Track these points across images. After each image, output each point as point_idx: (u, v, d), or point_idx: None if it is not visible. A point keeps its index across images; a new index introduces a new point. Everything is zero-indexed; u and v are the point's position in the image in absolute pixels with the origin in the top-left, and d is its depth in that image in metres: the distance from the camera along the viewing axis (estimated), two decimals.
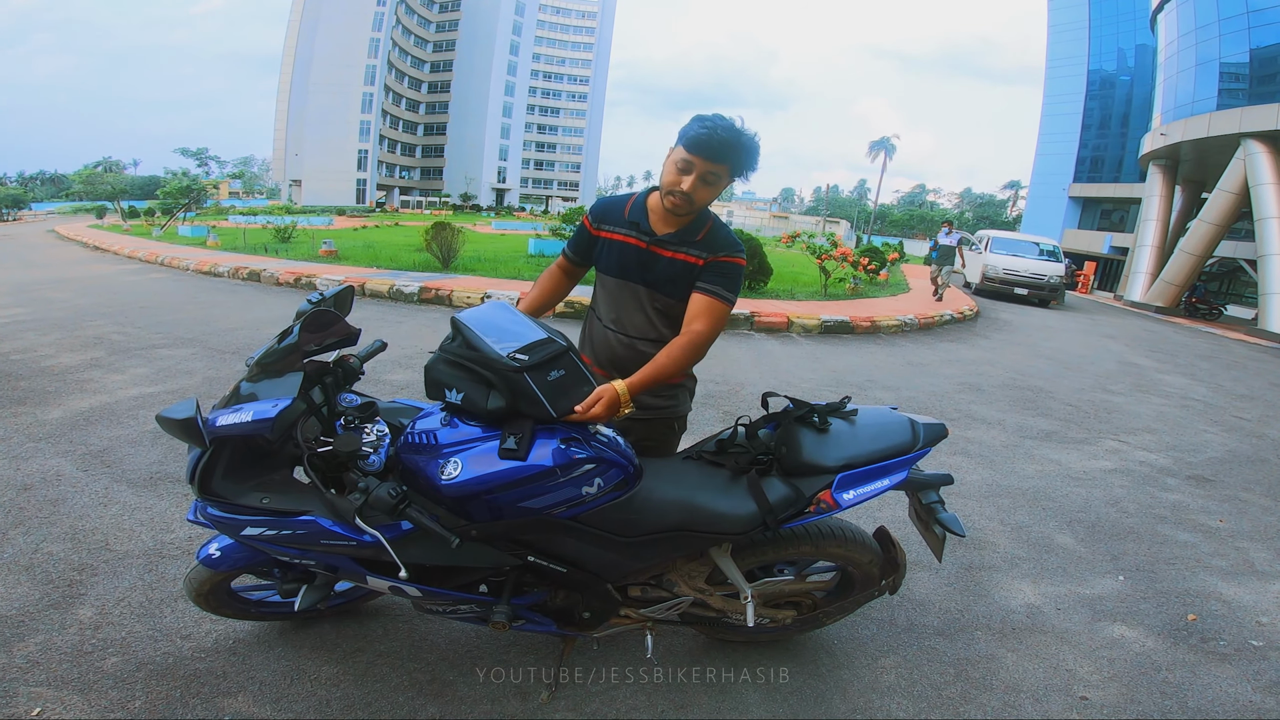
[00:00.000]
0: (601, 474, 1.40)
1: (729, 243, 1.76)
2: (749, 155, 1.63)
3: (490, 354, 1.36)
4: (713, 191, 1.66)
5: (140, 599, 2.07)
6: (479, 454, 1.35)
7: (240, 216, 24.96)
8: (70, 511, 2.58)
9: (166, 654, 1.84)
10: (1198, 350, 10.71)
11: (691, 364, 1.71)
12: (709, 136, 1.56)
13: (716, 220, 1.78)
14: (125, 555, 2.31)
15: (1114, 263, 28.95)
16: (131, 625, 1.94)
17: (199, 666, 1.80)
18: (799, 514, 1.53)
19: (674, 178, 1.63)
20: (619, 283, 1.82)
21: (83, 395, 3.95)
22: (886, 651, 2.12)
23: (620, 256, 1.80)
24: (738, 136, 1.59)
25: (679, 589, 1.69)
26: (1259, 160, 16.15)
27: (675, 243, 1.73)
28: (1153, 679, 2.12)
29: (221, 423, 1.31)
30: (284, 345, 1.42)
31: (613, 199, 1.88)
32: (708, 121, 1.58)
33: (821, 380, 5.67)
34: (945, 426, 1.70)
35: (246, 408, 1.31)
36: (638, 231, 1.77)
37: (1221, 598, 2.68)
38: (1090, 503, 3.53)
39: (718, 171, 1.61)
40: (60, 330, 5.66)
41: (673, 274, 1.74)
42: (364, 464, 1.37)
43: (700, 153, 1.58)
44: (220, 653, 1.87)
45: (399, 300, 8.15)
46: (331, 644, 1.94)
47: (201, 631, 1.94)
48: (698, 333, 1.67)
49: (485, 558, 1.45)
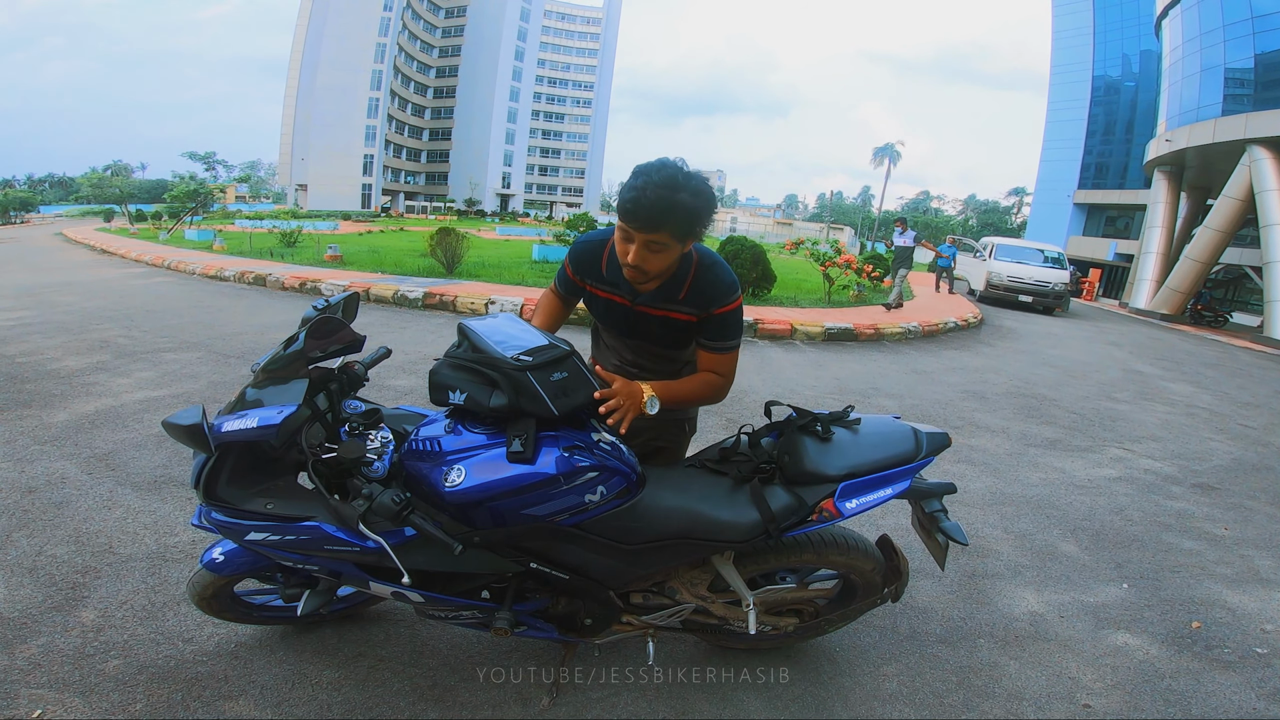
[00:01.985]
0: (604, 482, 1.41)
1: (719, 290, 1.59)
2: (690, 216, 1.41)
3: (495, 354, 1.38)
4: (665, 258, 1.48)
5: (143, 602, 2.07)
6: (482, 461, 1.36)
7: (246, 221, 25.05)
8: (74, 514, 2.59)
9: (168, 657, 1.84)
10: (1203, 358, 10.65)
11: (711, 403, 1.73)
12: (635, 202, 1.39)
13: (701, 263, 1.60)
14: (129, 558, 2.31)
15: (1119, 270, 28.90)
16: (134, 628, 1.95)
17: (200, 670, 1.81)
18: (801, 523, 1.53)
19: (621, 248, 1.49)
20: (611, 333, 1.82)
21: (88, 398, 3.97)
22: (889, 658, 2.12)
23: (607, 312, 1.75)
24: (671, 195, 1.37)
25: (681, 596, 1.69)
26: (1264, 166, 16.08)
27: (660, 301, 1.62)
28: (1156, 687, 2.11)
29: (227, 429, 1.32)
30: (289, 352, 1.43)
31: (589, 246, 1.72)
32: (638, 180, 1.39)
33: (825, 388, 5.66)
34: (948, 435, 1.70)
35: (252, 414, 1.32)
36: (619, 290, 1.66)
37: (1226, 605, 2.66)
38: (1094, 511, 3.51)
39: (656, 239, 1.43)
40: (66, 333, 5.69)
41: (665, 332, 1.68)
42: (368, 470, 1.37)
43: (629, 222, 1.42)
44: (222, 656, 1.87)
45: (404, 306, 8.18)
46: (333, 649, 1.94)
47: (203, 635, 1.95)
48: (719, 379, 1.67)
49: (488, 564, 1.46)
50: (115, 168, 45.86)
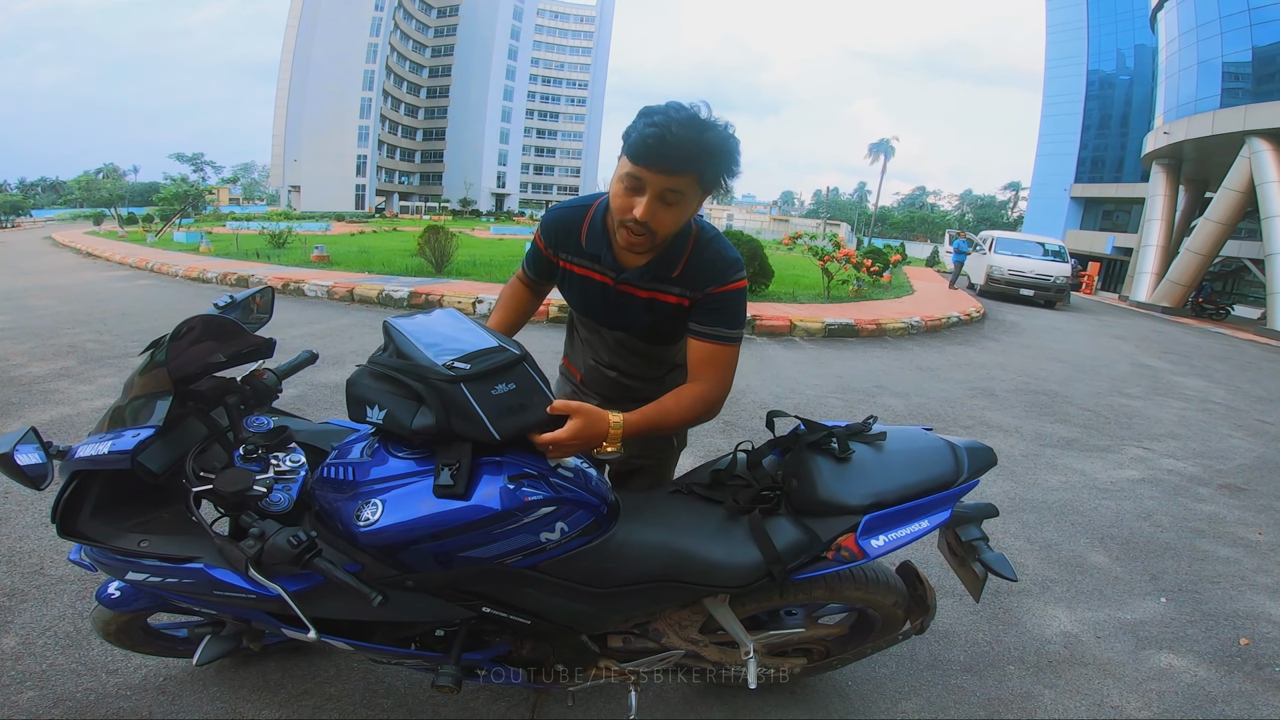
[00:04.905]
0: (564, 517, 1.14)
1: (719, 268, 1.32)
2: (721, 158, 1.17)
3: (422, 360, 1.10)
4: (679, 214, 1.23)
5: (68, 629, 1.88)
6: (405, 495, 1.09)
7: (236, 223, 24.75)
8: (10, 532, 2.37)
9: (88, 690, 1.65)
10: (1210, 351, 10.46)
11: (702, 421, 1.36)
12: (659, 139, 1.12)
13: (700, 238, 1.34)
14: (59, 580, 2.10)
15: (1117, 263, 28.73)
16: (54, 657, 1.76)
17: (122, 705, 1.61)
18: (813, 562, 1.24)
19: (624, 202, 1.20)
20: (588, 323, 1.51)
21: (45, 407, 3.73)
22: (908, 692, 1.88)
23: (584, 294, 1.45)
24: (700, 133, 1.13)
25: (668, 640, 1.41)
26: (1264, 158, 15.96)
27: (649, 279, 1.34)
28: (1208, 712, 1.91)
29: (81, 455, 1.09)
30: (149, 364, 1.18)
31: (565, 212, 1.44)
32: (656, 118, 1.14)
33: (828, 386, 5.43)
34: (992, 452, 1.41)
35: (106, 438, 1.09)
36: (600, 265, 1.38)
37: (1272, 619, 2.45)
38: (1121, 516, 3.28)
39: (678, 186, 1.17)
40: (36, 338, 5.46)
41: (651, 319, 1.39)
42: (265, 503, 1.11)
43: (650, 163, 1.14)
44: (148, 691, 1.66)
45: (388, 306, 7.94)
46: (275, 685, 1.71)
47: (130, 667, 1.73)
48: (708, 390, 1.33)
49: (429, 611, 1.20)
50: (106, 170, 45.39)
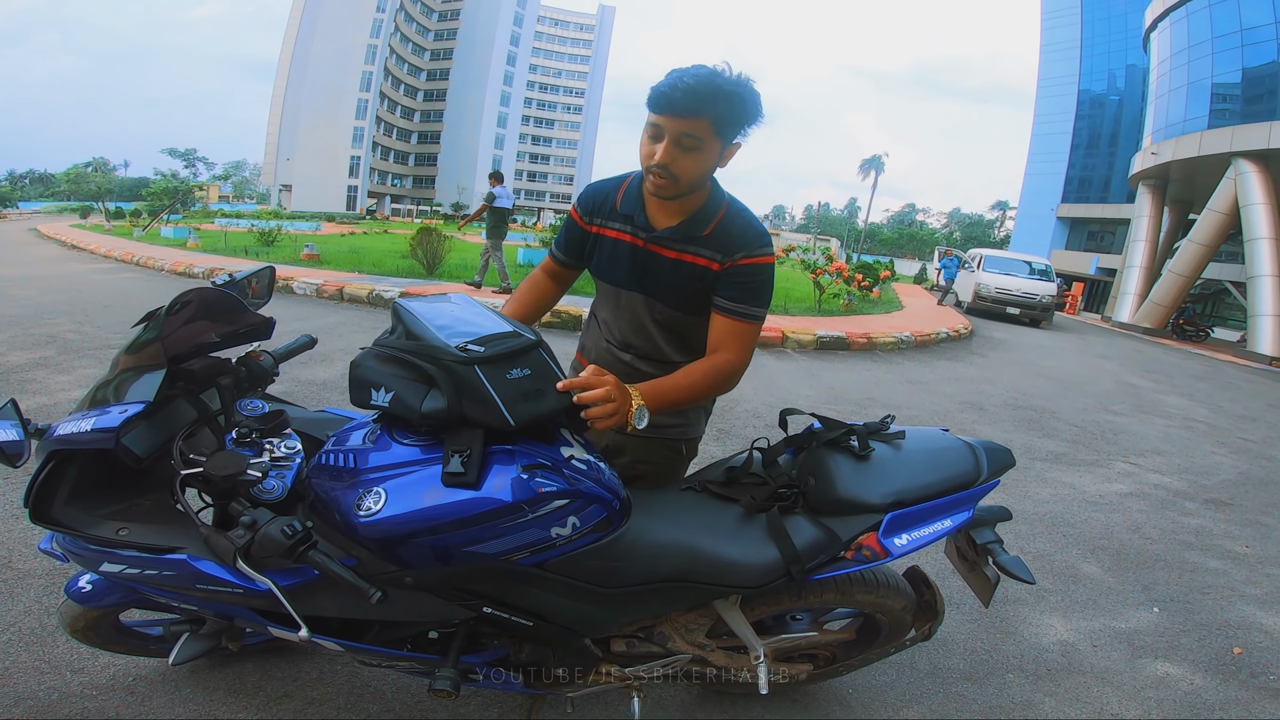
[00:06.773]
0: (577, 511, 1.08)
1: (748, 236, 1.37)
2: (734, 101, 1.22)
3: (435, 341, 1.05)
4: (698, 160, 1.28)
5: (33, 625, 1.79)
6: (410, 483, 1.02)
7: (225, 220, 24.45)
8: None
9: (51, 689, 1.57)
10: (1191, 371, 10.61)
11: (717, 394, 1.40)
12: (671, 86, 1.20)
13: (732, 206, 1.40)
14: (26, 574, 2.00)
15: (1100, 284, 29.11)
16: (17, 654, 1.67)
17: (87, 706, 1.53)
18: (832, 562, 1.21)
19: (648, 149, 1.29)
20: (615, 290, 1.51)
21: (22, 396, 3.62)
22: (910, 700, 1.85)
23: (613, 258, 1.47)
24: (711, 78, 1.20)
25: (674, 644, 1.37)
26: (1250, 180, 16.12)
27: (678, 240, 1.38)
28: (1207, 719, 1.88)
29: (61, 433, 1.02)
30: (142, 338, 1.11)
31: (603, 185, 1.52)
32: (674, 72, 1.24)
33: (820, 397, 5.42)
34: (1010, 453, 1.39)
35: (90, 415, 1.02)
36: (632, 226, 1.42)
37: (1263, 628, 2.47)
38: (1111, 528, 3.29)
39: (693, 130, 1.23)
40: (15, 328, 5.32)
41: (677, 281, 1.40)
42: (258, 491, 1.04)
43: (666, 109, 1.22)
44: (116, 691, 1.58)
45: (378, 305, 7.85)
46: (254, 687, 1.64)
47: (97, 666, 1.65)
48: (727, 361, 1.36)
49: (427, 610, 1.13)
50: (96, 164, 44.85)
